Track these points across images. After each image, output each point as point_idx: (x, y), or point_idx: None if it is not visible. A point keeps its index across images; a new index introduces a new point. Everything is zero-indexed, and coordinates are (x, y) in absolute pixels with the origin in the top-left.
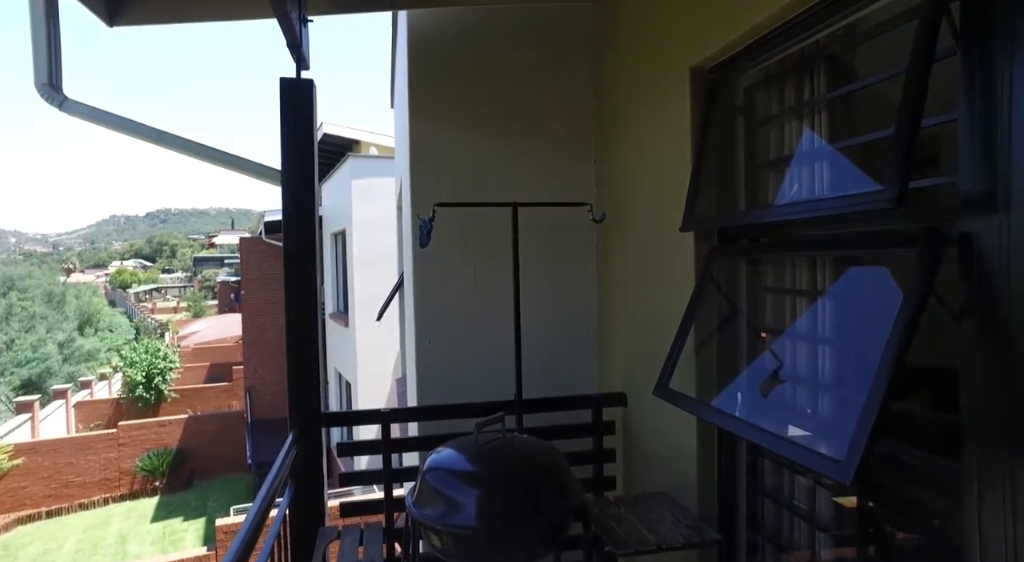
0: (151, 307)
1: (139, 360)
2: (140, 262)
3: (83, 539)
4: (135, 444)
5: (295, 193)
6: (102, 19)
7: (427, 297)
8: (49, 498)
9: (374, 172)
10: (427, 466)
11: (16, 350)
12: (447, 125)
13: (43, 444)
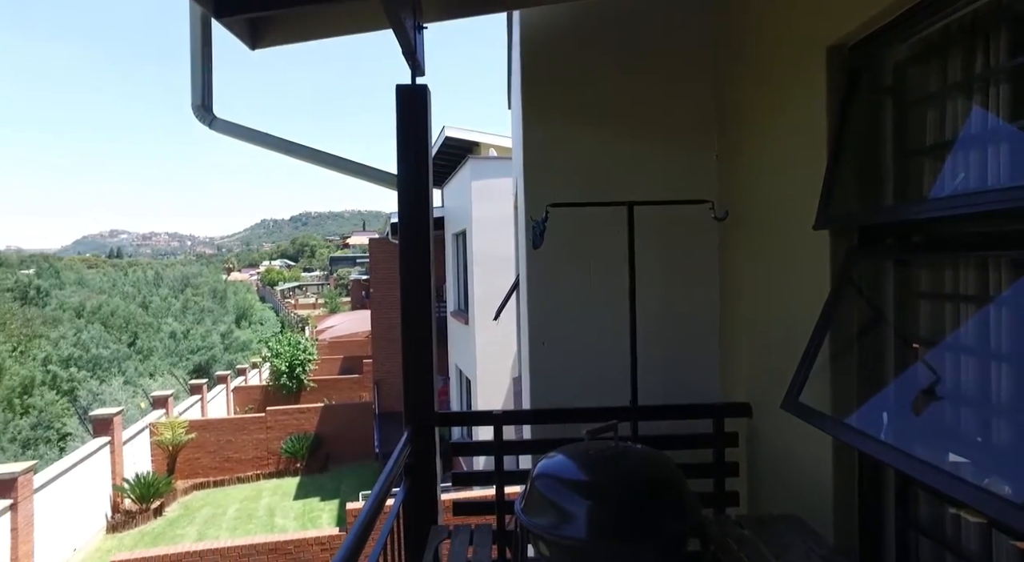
0: (294, 303)
1: (283, 352)
2: (285, 262)
3: (240, 508)
4: (280, 428)
5: (410, 197)
6: (245, 43)
7: (540, 298)
8: (215, 470)
9: (493, 173)
10: (537, 472)
11: (190, 339)
12: (560, 124)
13: (210, 422)
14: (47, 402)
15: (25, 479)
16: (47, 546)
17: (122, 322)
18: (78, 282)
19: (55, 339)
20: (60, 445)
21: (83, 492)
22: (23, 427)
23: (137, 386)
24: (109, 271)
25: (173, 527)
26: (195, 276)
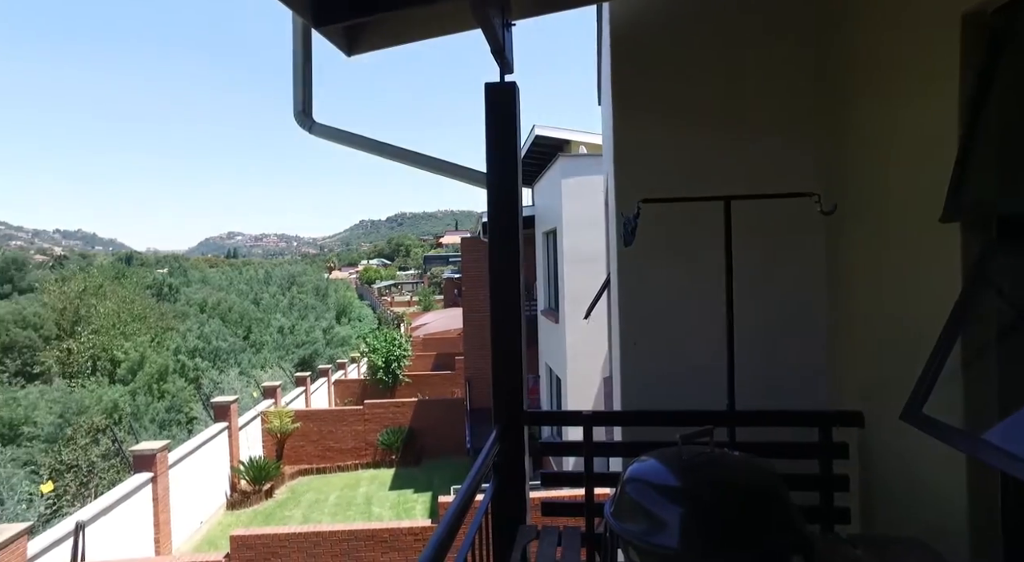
0: (390, 301)
1: (380, 347)
2: (382, 261)
3: (340, 496)
4: (377, 420)
5: (499, 196)
6: (342, 50)
7: (632, 297)
8: (317, 457)
9: (583, 171)
10: (628, 476)
11: (296, 334)
12: (653, 117)
13: (313, 413)
14: (178, 388)
15: (162, 456)
16: (179, 516)
17: (238, 317)
18: (202, 280)
19: (183, 332)
20: (188, 427)
21: (207, 471)
22: (159, 410)
23: (250, 376)
24: (227, 270)
25: (282, 509)
26: (300, 275)
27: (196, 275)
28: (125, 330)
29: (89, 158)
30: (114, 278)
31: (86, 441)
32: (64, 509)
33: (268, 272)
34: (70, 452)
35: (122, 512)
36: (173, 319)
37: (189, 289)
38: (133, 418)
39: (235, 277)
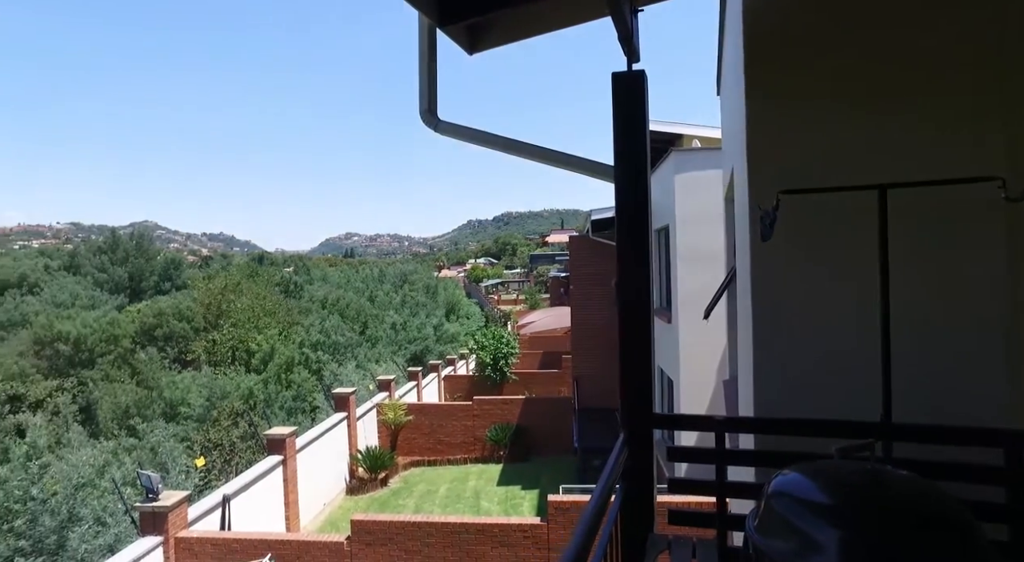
0: (496, 299)
1: (488, 345)
2: (489, 260)
3: (450, 488)
4: (485, 416)
5: (628, 190)
6: (464, 49)
7: (768, 296)
8: (428, 450)
9: (698, 166)
10: (773, 489)
11: (408, 330)
12: (791, 101)
13: (425, 406)
14: (303, 379)
15: (291, 440)
16: (305, 497)
17: (354, 313)
18: (322, 278)
19: (307, 326)
20: (311, 416)
21: (329, 457)
22: (287, 398)
23: (366, 370)
24: (345, 269)
25: (396, 497)
26: (411, 273)
27: (318, 273)
28: (258, 324)
29: (229, 166)
30: (249, 276)
31: (228, 423)
32: (212, 482)
33: (382, 271)
34: (216, 432)
35: (258, 489)
36: (298, 314)
37: (312, 287)
38: (265, 405)
39: (352, 275)
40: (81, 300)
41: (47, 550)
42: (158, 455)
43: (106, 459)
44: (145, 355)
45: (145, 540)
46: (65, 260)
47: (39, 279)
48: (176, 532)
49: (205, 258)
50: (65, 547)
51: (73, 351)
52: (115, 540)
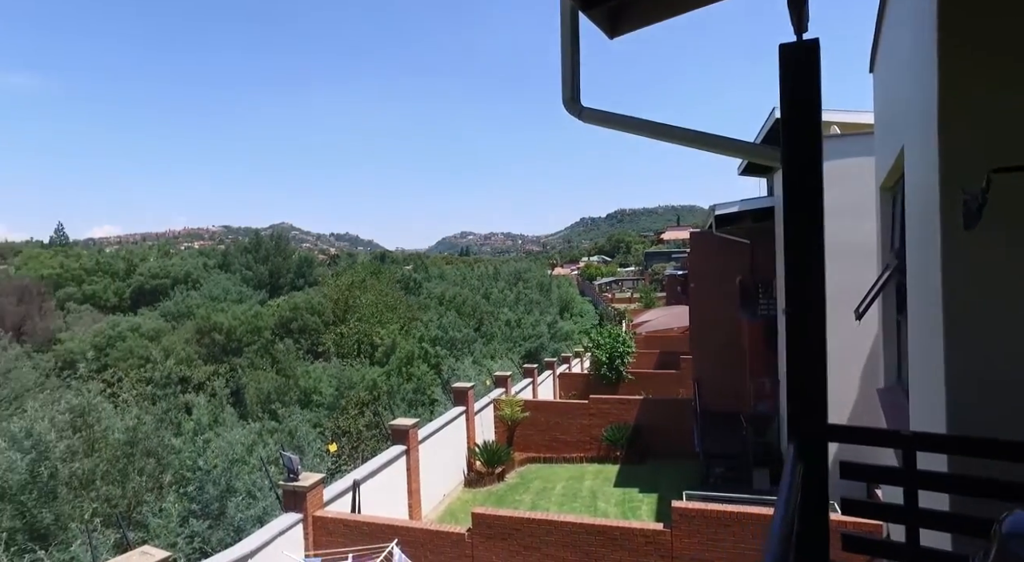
0: (610, 297)
1: (604, 343)
2: (602, 257)
3: (566, 487)
4: (601, 415)
5: (798, 176)
6: (604, 32)
7: (966, 293)
8: (544, 447)
9: (841, 153)
10: (1010, 529)
11: (522, 327)
12: (999, 65)
13: (540, 404)
14: (422, 372)
15: (414, 432)
16: (426, 488)
17: (470, 310)
18: (440, 276)
19: (426, 322)
20: (431, 409)
21: (448, 449)
22: (408, 390)
23: (482, 365)
24: (461, 267)
25: (512, 492)
26: (525, 271)
27: (435, 271)
28: (381, 319)
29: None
30: (372, 274)
31: (355, 412)
32: (343, 467)
33: (496, 269)
34: (344, 420)
35: (384, 477)
36: (417, 310)
37: (430, 284)
38: (388, 396)
39: (468, 273)
40: (231, 295)
41: (211, 514)
42: (295, 438)
43: (253, 439)
44: (283, 346)
45: (288, 515)
46: (219, 259)
47: (199, 276)
48: (314, 511)
49: (333, 257)
50: (225, 514)
51: (226, 340)
52: (263, 512)
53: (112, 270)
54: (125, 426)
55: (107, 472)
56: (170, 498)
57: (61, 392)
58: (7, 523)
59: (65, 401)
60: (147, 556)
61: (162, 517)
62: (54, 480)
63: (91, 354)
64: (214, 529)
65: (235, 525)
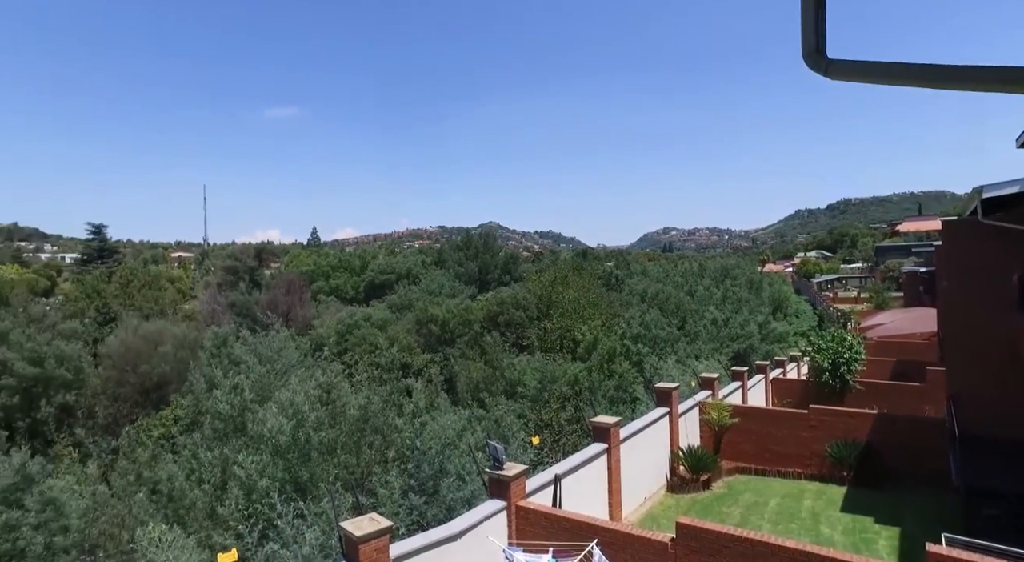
0: (832, 296)
1: (826, 347)
2: (821, 253)
3: (781, 504)
4: (824, 428)
5: None
6: None
7: None
8: (755, 457)
9: None
10: None
11: (730, 327)
12: None
13: (751, 410)
14: (623, 370)
15: (615, 430)
16: (627, 489)
17: (674, 307)
18: (642, 273)
19: (627, 319)
20: (632, 407)
21: (650, 451)
22: (609, 387)
23: (686, 365)
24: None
25: (719, 503)
26: (733, 268)
27: (637, 268)
28: (583, 315)
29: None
30: (574, 270)
31: (557, 406)
32: (544, 459)
33: (701, 265)
34: (546, 413)
35: (585, 473)
36: (619, 307)
37: (631, 280)
38: (589, 392)
39: (671, 270)
40: (446, 289)
41: (427, 492)
42: (500, 427)
43: (463, 425)
44: (490, 338)
45: (493, 502)
46: (435, 257)
47: (419, 272)
48: (516, 500)
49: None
50: (438, 492)
51: (440, 331)
52: (471, 496)
53: (350, 267)
54: (359, 404)
55: (345, 443)
56: (393, 472)
57: (313, 371)
58: (280, 474)
59: (315, 379)
60: (375, 522)
61: (387, 488)
62: (308, 445)
63: (334, 339)
64: (429, 505)
65: (446, 504)
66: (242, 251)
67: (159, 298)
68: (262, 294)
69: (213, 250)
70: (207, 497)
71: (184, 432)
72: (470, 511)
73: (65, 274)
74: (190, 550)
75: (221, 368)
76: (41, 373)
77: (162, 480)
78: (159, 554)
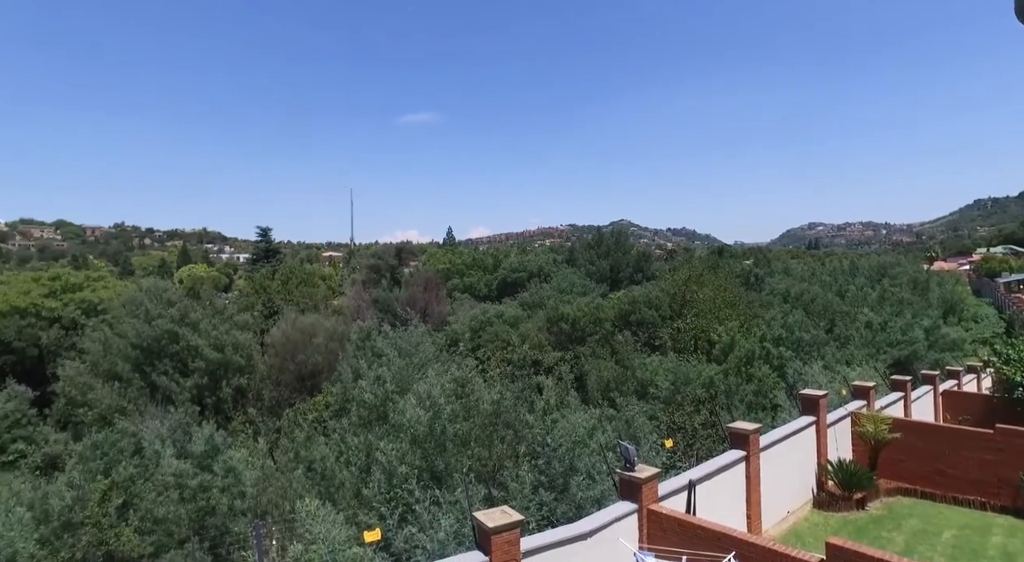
0: None
1: (1017, 358)
2: (1010, 248)
3: (959, 536)
4: (1015, 452)
5: None
6: None
7: None
8: (922, 479)
9: None
10: None
11: (888, 331)
12: None
13: (917, 425)
14: (763, 374)
15: (755, 437)
16: (768, 501)
17: (820, 309)
18: (784, 271)
19: (768, 320)
20: (772, 414)
21: (794, 462)
22: (747, 392)
23: (835, 372)
24: (808, 261)
25: (876, 526)
26: (892, 266)
27: (778, 266)
28: (719, 315)
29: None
30: (710, 268)
31: (691, 409)
32: (677, 463)
33: (853, 263)
34: (679, 415)
35: (721, 481)
36: (759, 307)
37: (772, 279)
38: (725, 395)
39: (817, 268)
40: (576, 288)
41: (557, 488)
42: (631, 428)
43: (593, 424)
44: (622, 337)
45: (624, 503)
46: (566, 255)
47: (550, 270)
48: (648, 504)
49: (670, 252)
50: (568, 490)
51: (571, 329)
52: (601, 496)
53: (483, 265)
54: (492, 399)
55: (478, 436)
56: (524, 467)
57: (448, 365)
58: (418, 462)
59: (450, 373)
60: (507, 515)
61: (518, 483)
62: (444, 436)
63: (468, 335)
64: (559, 502)
65: (576, 502)
66: (384, 250)
67: (313, 294)
68: (402, 291)
69: (358, 250)
70: (353, 478)
71: (333, 417)
72: (600, 511)
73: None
74: (340, 525)
75: (365, 360)
76: (222, 358)
77: (316, 460)
78: (315, 526)
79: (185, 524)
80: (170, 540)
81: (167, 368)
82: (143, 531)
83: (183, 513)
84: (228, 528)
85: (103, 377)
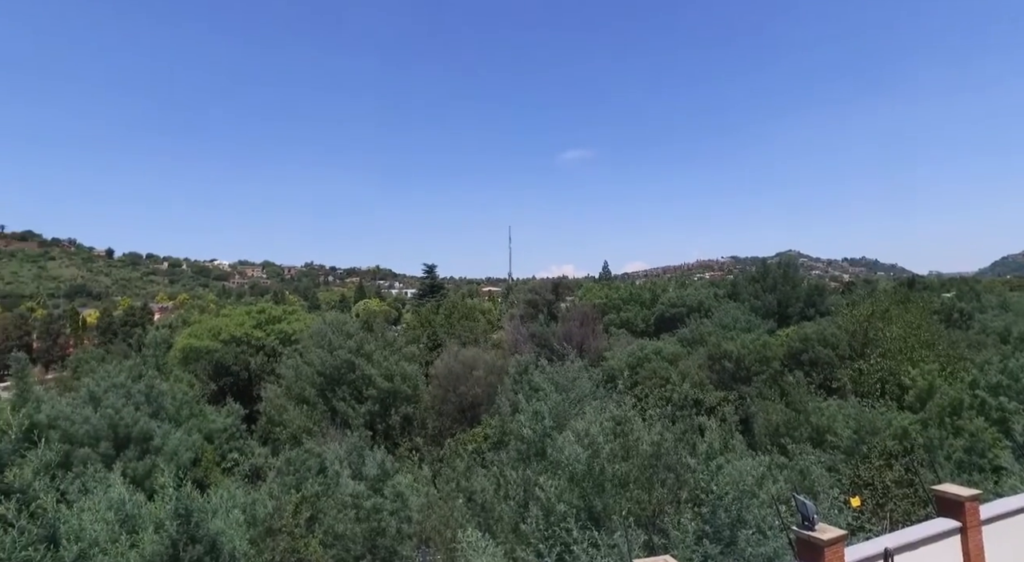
0: None
1: None
2: None
3: None
4: None
5: None
6: None
7: None
8: None
9: None
10: None
11: None
12: None
13: None
14: (977, 427)
15: (972, 505)
16: None
17: None
18: (1000, 305)
19: (980, 363)
20: (994, 478)
21: None
22: (956, 448)
23: None
24: None
25: None
26: None
27: (991, 300)
28: (911, 356)
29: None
30: (898, 303)
31: (880, 462)
32: (865, 526)
33: None
34: (866, 469)
35: (926, 555)
36: (967, 348)
37: (984, 315)
38: (925, 450)
39: None
40: (740, 323)
41: (722, 541)
42: (807, 479)
43: (762, 472)
44: (792, 378)
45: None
46: (727, 289)
47: (711, 305)
48: None
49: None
50: (735, 543)
51: (735, 368)
52: (773, 554)
53: (640, 300)
54: (651, 439)
55: (638, 478)
56: (686, 514)
57: (605, 402)
58: (576, 502)
59: (608, 410)
60: None
61: (679, 530)
62: (603, 476)
63: (626, 372)
64: (726, 556)
65: (745, 557)
66: (541, 285)
67: (473, 328)
68: (558, 325)
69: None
70: (512, 512)
71: (492, 449)
72: None
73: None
74: (499, 559)
75: (523, 393)
76: (392, 387)
77: (476, 491)
78: (476, 557)
79: (360, 542)
80: (347, 555)
81: (345, 394)
82: (326, 544)
83: (358, 531)
84: (396, 550)
85: (294, 400)
